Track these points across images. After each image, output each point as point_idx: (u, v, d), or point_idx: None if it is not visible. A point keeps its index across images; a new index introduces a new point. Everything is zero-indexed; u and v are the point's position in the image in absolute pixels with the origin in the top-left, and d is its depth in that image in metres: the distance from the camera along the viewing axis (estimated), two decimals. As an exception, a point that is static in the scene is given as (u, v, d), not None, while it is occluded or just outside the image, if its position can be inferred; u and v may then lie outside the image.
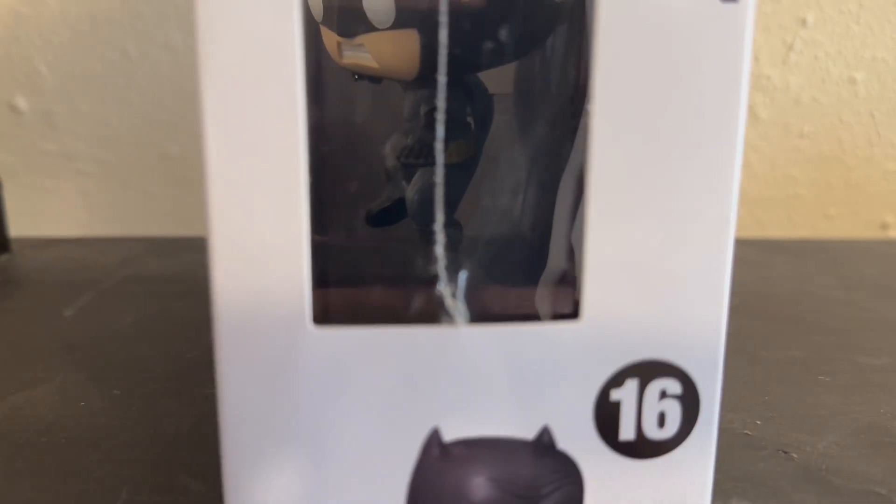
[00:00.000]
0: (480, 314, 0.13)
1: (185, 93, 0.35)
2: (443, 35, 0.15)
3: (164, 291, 0.25)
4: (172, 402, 0.18)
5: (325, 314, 0.13)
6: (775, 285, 0.27)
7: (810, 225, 0.36)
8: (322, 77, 0.19)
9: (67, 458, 0.16)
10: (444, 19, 0.15)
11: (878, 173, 0.36)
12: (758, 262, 0.30)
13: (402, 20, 0.17)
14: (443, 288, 0.13)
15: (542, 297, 0.17)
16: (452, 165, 0.18)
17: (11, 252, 0.30)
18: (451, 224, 0.17)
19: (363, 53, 0.18)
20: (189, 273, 0.27)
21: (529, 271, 0.18)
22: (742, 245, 0.32)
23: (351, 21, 0.18)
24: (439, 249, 0.13)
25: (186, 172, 0.36)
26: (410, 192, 0.19)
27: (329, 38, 0.18)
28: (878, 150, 0.35)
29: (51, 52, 0.35)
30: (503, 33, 0.17)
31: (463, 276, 0.13)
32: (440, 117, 0.13)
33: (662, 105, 0.12)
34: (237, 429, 0.13)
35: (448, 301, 0.12)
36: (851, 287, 0.27)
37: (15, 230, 0.32)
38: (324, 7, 0.18)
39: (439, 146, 0.13)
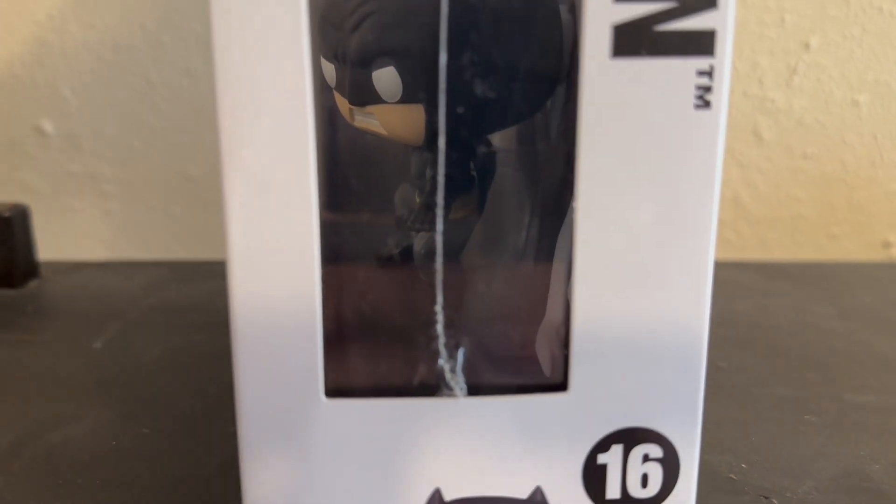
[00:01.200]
0: (476, 385, 0.14)
1: (205, 117, 0.37)
2: (442, 113, 0.16)
3: (186, 322, 0.27)
4: (198, 442, 0.20)
5: (335, 386, 0.14)
6: (774, 315, 0.28)
7: (814, 244, 0.37)
8: (335, 118, 0.20)
9: (103, 499, 0.17)
10: (442, 97, 0.16)
11: (880, 194, 0.36)
12: (759, 289, 0.31)
13: (408, 95, 0.18)
14: (443, 363, 0.14)
15: (542, 345, 0.18)
16: (456, 220, 0.20)
17: (41, 277, 0.31)
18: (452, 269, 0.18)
19: (373, 120, 0.19)
20: (209, 302, 0.29)
21: (528, 322, 0.19)
22: (745, 269, 0.33)
23: (362, 93, 0.19)
24: (439, 328, 0.14)
25: (205, 193, 0.37)
26: (418, 244, 0.20)
27: (342, 102, 0.20)
28: (881, 172, 0.36)
29: (76, 78, 0.36)
30: (505, 103, 0.18)
31: (461, 352, 0.14)
32: (440, 208, 0.14)
33: (642, 197, 0.13)
34: (256, 486, 0.14)
35: (448, 375, 0.14)
36: (848, 316, 0.28)
37: (42, 250, 0.33)
38: (336, 77, 0.19)
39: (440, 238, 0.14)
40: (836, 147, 0.36)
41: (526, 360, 0.17)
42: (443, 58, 0.17)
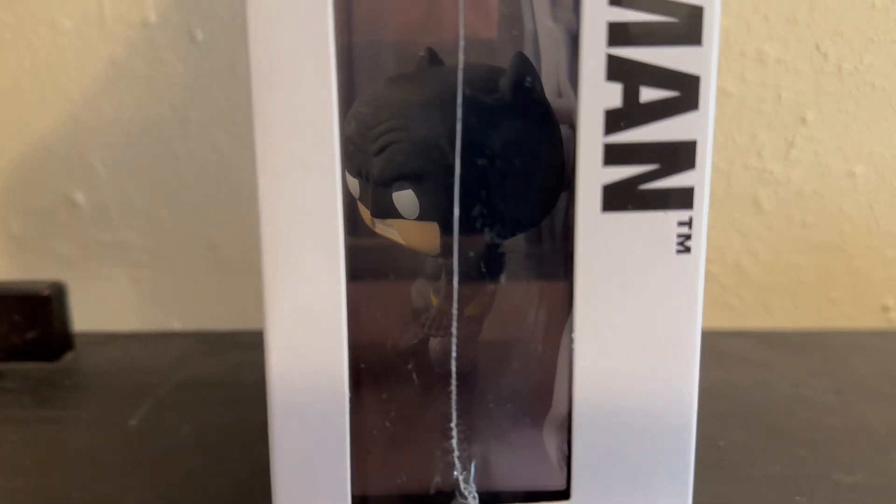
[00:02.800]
0: (488, 491, 0.16)
1: (230, 188, 0.39)
2: (455, 232, 0.18)
3: (214, 398, 0.29)
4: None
5: (359, 492, 0.16)
6: (771, 389, 0.30)
7: (815, 309, 0.39)
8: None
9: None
10: (456, 221, 0.18)
11: (878, 260, 0.38)
12: (759, 361, 0.33)
13: (425, 214, 0.20)
14: (458, 474, 0.16)
15: (549, 434, 0.20)
16: (469, 317, 0.22)
17: (76, 350, 0.34)
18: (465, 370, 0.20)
19: (393, 231, 0.21)
20: (235, 376, 0.31)
21: (536, 416, 0.21)
22: (747, 338, 0.35)
23: (383, 208, 0.21)
24: (454, 443, 0.16)
25: (229, 260, 0.40)
26: (433, 341, 0.22)
27: (365, 212, 0.22)
28: (878, 239, 0.38)
29: (106, 152, 0.39)
30: (514, 215, 0.20)
31: (474, 465, 0.16)
32: (453, 334, 0.16)
33: (632, 326, 0.15)
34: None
35: (462, 486, 0.16)
36: (844, 390, 0.30)
37: (75, 315, 0.35)
38: (360, 190, 0.21)
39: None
40: (834, 216, 0.38)
41: (533, 458, 0.19)
42: (457, 186, 0.19)
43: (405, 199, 0.20)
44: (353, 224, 0.22)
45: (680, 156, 0.14)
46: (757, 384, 0.31)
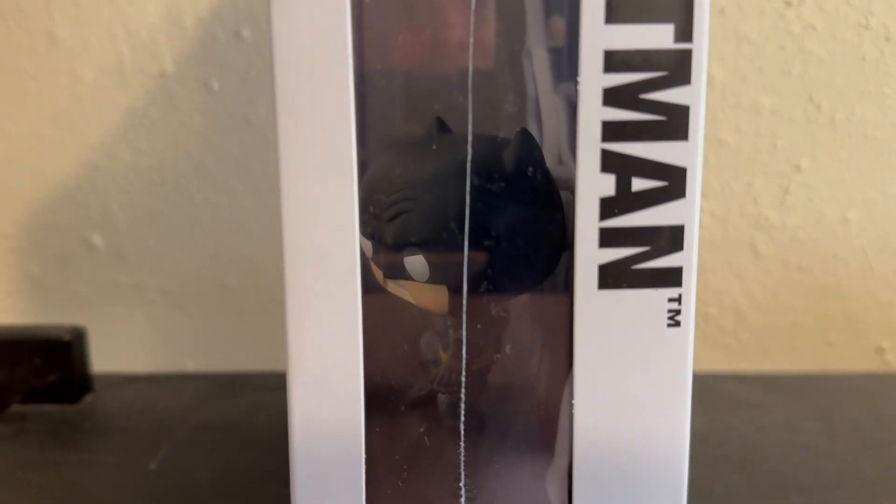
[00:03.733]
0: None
1: (242, 231, 0.41)
2: (464, 297, 0.20)
3: (229, 441, 0.30)
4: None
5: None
6: (767, 433, 0.31)
7: (812, 350, 0.40)
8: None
9: None
10: (465, 284, 0.19)
11: (872, 303, 0.40)
12: (756, 405, 0.34)
13: (434, 278, 0.22)
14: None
15: (552, 483, 0.22)
16: (476, 370, 0.23)
17: (95, 392, 0.35)
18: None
19: (404, 291, 0.23)
20: (249, 419, 0.32)
21: (539, 466, 0.22)
22: (745, 382, 0.37)
23: (395, 270, 0.22)
24: (462, 501, 0.17)
25: (241, 302, 0.41)
26: (441, 396, 0.23)
27: (377, 271, 0.23)
28: (872, 283, 0.39)
29: (124, 197, 0.40)
30: (519, 276, 0.22)
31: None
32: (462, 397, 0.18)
33: (627, 391, 0.17)
34: None
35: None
36: (837, 434, 0.31)
37: (93, 356, 0.37)
38: (373, 251, 0.23)
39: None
40: (829, 261, 0.39)
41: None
42: (465, 251, 0.21)
43: (416, 263, 0.22)
44: (366, 278, 0.24)
45: (669, 239, 0.16)
46: (754, 429, 0.32)
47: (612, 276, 0.16)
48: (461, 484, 0.17)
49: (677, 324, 0.16)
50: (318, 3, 0.16)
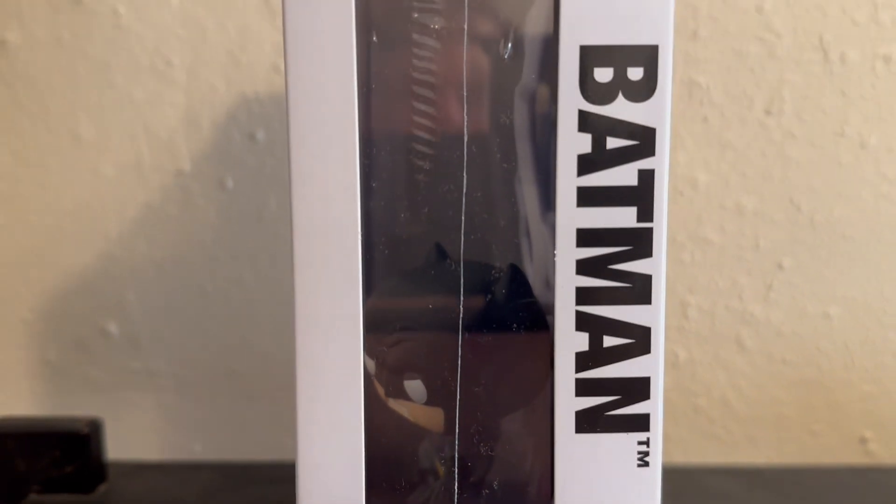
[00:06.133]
0: None
1: (251, 320, 0.43)
2: (457, 419, 0.22)
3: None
4: None
5: None
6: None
7: (797, 440, 0.42)
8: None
9: None
10: (458, 411, 0.22)
11: (854, 395, 0.42)
12: (742, 500, 0.36)
13: (432, 401, 0.24)
14: None
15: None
16: (472, 482, 0.25)
17: (108, 481, 0.37)
18: None
19: (403, 409, 0.25)
20: (257, 512, 0.34)
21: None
22: (729, 475, 0.38)
23: (395, 391, 0.25)
24: None
25: (249, 388, 0.43)
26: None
27: (379, 388, 0.26)
28: (854, 375, 0.42)
29: (139, 287, 0.43)
30: (509, 400, 0.24)
31: None
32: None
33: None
34: None
35: None
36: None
37: (108, 442, 0.39)
38: (375, 370, 0.25)
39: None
40: (812, 354, 0.41)
41: None
42: (458, 378, 0.23)
43: (415, 387, 0.24)
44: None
45: (638, 389, 0.18)
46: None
47: (587, 422, 0.18)
48: None
49: (646, 464, 0.18)
50: (332, 134, 0.18)
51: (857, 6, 0.39)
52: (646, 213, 0.18)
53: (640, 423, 0.18)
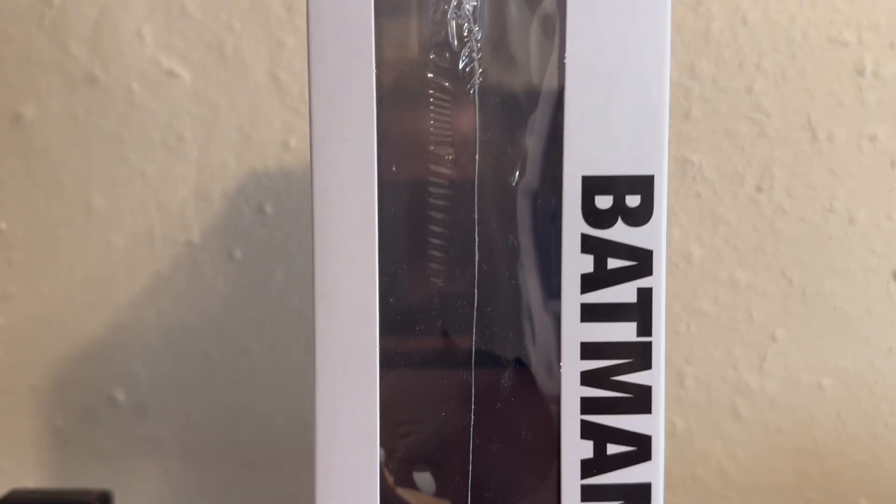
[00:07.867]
0: None
1: (257, 389, 0.44)
2: None
3: None
4: None
5: None
6: None
7: (793, 508, 0.43)
8: None
9: None
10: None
11: (848, 463, 0.43)
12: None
13: (441, 492, 0.25)
14: None
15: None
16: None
17: (115, 554, 0.38)
18: None
19: (412, 498, 0.26)
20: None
21: None
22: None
23: (403, 480, 0.26)
24: None
25: (252, 456, 0.44)
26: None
27: (389, 476, 0.26)
28: (848, 444, 0.43)
29: (147, 355, 0.44)
30: (518, 486, 0.25)
31: None
32: None
33: None
34: None
35: None
36: None
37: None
38: (385, 458, 0.26)
39: None
40: (806, 424, 0.42)
41: None
42: (469, 466, 0.24)
43: (423, 478, 0.25)
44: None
45: (639, 496, 0.19)
46: None
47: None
48: None
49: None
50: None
51: (843, 88, 0.41)
52: (645, 329, 0.19)
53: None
